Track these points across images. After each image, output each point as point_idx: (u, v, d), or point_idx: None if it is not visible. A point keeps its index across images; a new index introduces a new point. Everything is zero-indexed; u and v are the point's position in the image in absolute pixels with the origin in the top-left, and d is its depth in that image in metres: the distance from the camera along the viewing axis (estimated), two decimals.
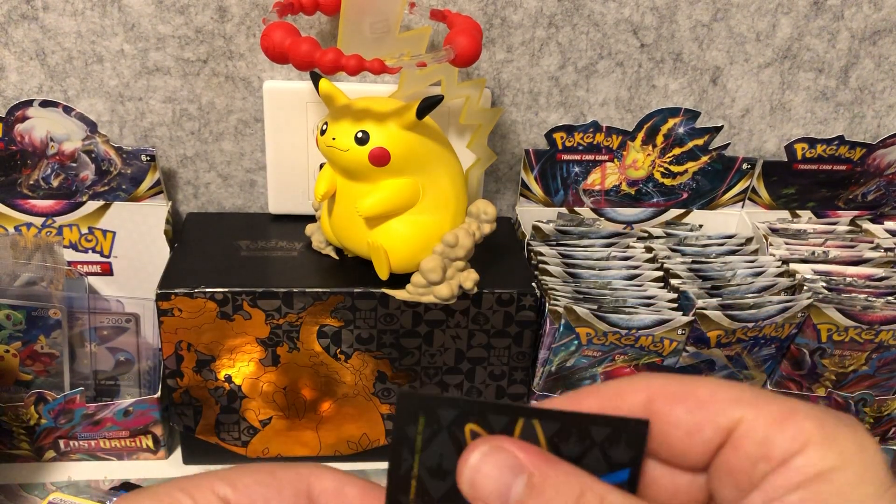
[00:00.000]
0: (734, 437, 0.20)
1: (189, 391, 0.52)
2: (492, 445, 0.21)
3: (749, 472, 0.20)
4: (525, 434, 0.21)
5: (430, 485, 0.22)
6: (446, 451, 0.21)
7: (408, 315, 0.51)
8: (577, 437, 0.21)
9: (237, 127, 0.58)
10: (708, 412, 0.21)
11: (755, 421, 0.20)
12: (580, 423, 0.21)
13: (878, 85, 0.60)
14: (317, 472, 0.24)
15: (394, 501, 0.22)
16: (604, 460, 0.21)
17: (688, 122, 0.58)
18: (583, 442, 0.21)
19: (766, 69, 0.59)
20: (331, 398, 0.54)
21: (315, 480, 0.24)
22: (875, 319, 0.52)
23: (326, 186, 0.48)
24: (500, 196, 0.63)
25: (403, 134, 0.45)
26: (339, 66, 0.42)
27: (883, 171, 0.62)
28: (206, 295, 0.49)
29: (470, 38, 0.45)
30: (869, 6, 0.57)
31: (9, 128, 0.53)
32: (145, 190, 0.56)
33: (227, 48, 0.54)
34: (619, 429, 0.21)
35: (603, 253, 0.57)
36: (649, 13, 0.55)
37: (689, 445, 0.21)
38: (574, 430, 0.21)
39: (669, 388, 0.21)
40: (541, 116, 0.59)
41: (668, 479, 0.22)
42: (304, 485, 0.24)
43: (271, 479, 0.24)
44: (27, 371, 0.53)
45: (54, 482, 0.53)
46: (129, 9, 0.52)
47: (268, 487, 0.23)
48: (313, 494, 0.24)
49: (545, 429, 0.21)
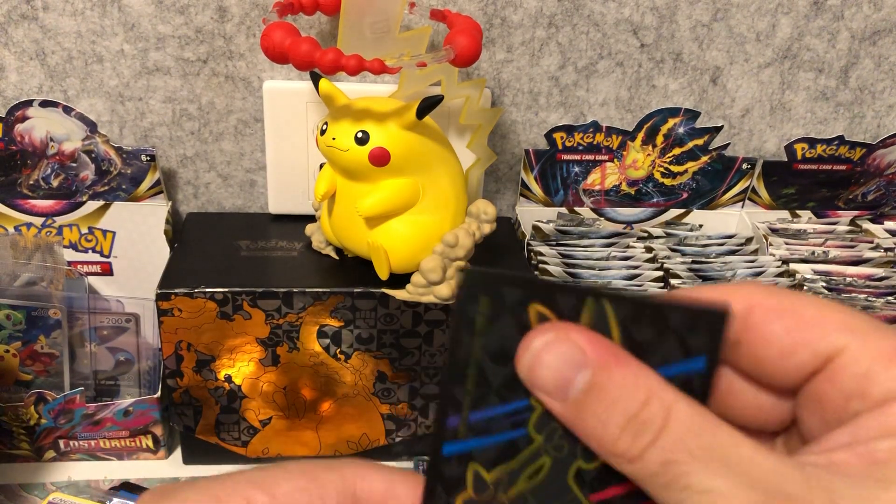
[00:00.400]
0: (832, 366, 0.19)
1: (189, 391, 0.52)
2: (557, 334, 0.19)
3: (841, 406, 0.18)
4: (595, 317, 0.20)
5: (489, 371, 0.20)
6: (509, 333, 0.20)
7: (408, 315, 0.51)
8: (652, 322, 0.19)
9: (237, 127, 0.58)
10: (809, 334, 0.19)
11: (860, 352, 0.18)
12: (655, 309, 0.19)
13: (878, 85, 0.60)
14: (362, 473, 0.22)
15: (449, 394, 0.20)
16: (679, 347, 0.19)
17: (688, 122, 0.58)
18: (657, 327, 0.19)
19: (766, 69, 0.59)
20: (331, 398, 0.54)
21: (361, 481, 0.22)
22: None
23: (326, 186, 0.48)
24: (500, 196, 0.63)
25: (403, 134, 0.45)
26: (339, 66, 0.42)
27: (883, 171, 0.62)
28: (206, 295, 0.49)
29: (470, 38, 0.45)
30: (869, 6, 0.57)
31: (9, 128, 0.53)
32: (145, 190, 0.56)
33: (227, 48, 0.54)
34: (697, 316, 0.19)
35: (603, 253, 0.57)
36: (649, 13, 0.55)
37: (780, 367, 0.19)
38: (648, 314, 0.19)
39: (772, 301, 0.20)
40: (541, 116, 0.59)
41: (750, 397, 0.21)
42: (350, 487, 0.22)
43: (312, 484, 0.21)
44: (27, 371, 0.53)
45: (54, 482, 0.53)
46: (129, 9, 0.52)
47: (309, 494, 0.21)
48: (360, 497, 0.22)
49: (617, 312, 0.19)
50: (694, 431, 0.18)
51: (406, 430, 0.56)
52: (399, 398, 0.54)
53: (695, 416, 0.18)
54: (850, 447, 0.18)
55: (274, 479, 0.21)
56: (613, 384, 0.18)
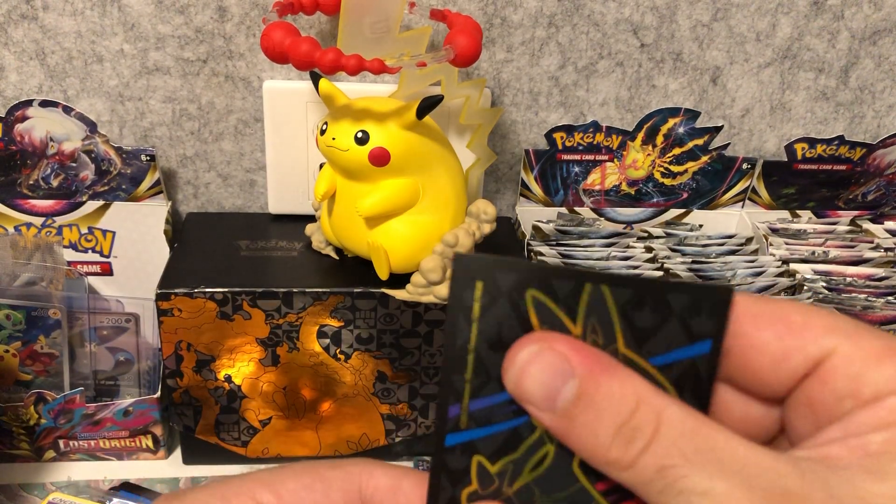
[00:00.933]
0: (823, 368, 0.19)
1: (189, 391, 0.52)
2: (542, 345, 0.19)
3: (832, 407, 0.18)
4: (593, 303, 0.19)
5: (488, 359, 0.20)
6: (506, 320, 0.19)
7: (408, 315, 0.51)
8: (653, 306, 0.19)
9: (237, 127, 0.58)
10: (799, 339, 0.19)
11: (850, 354, 0.18)
12: (656, 291, 0.19)
13: (878, 85, 0.60)
14: (368, 470, 0.22)
15: (448, 383, 0.20)
16: (683, 331, 0.19)
17: (688, 121, 0.58)
18: (659, 311, 0.19)
19: (766, 69, 0.59)
20: (331, 398, 0.54)
21: (367, 479, 0.22)
22: (875, 319, 0.52)
23: (326, 186, 0.48)
24: (500, 196, 0.63)
25: (403, 134, 0.45)
26: (339, 66, 0.42)
27: (883, 171, 0.62)
28: (205, 295, 0.49)
29: (470, 38, 0.45)
30: (869, 6, 0.57)
31: (9, 128, 0.53)
32: (145, 190, 0.56)
33: (227, 48, 0.54)
34: (700, 297, 0.19)
35: (603, 253, 0.57)
36: (649, 13, 0.55)
37: (772, 374, 0.19)
38: (650, 299, 0.19)
39: (758, 309, 0.19)
40: (541, 116, 0.59)
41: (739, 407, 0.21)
42: (355, 485, 0.22)
43: (318, 482, 0.22)
44: (27, 371, 0.53)
45: (54, 482, 0.53)
46: (129, 9, 0.52)
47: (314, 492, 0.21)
48: (366, 494, 0.22)
49: (616, 296, 0.19)
50: (687, 435, 0.18)
51: (406, 430, 0.56)
52: (399, 398, 0.54)
53: (687, 419, 0.18)
54: (844, 441, 0.18)
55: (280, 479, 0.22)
56: (601, 393, 0.18)
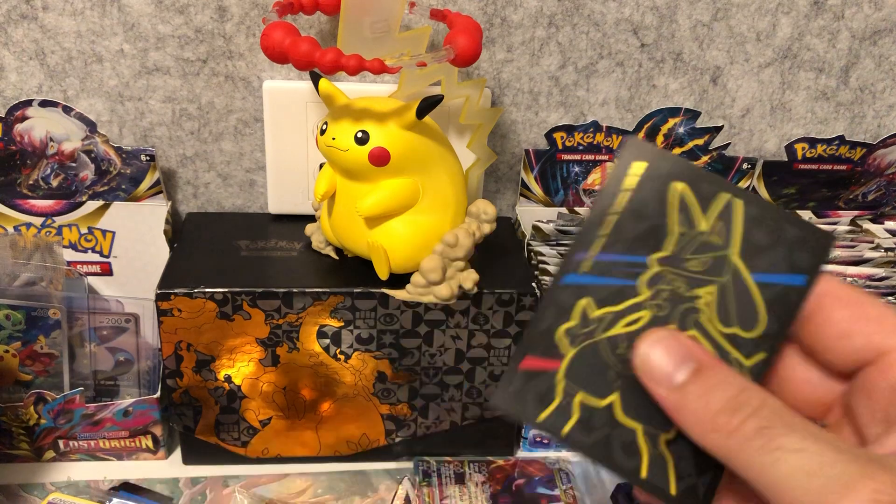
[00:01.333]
0: (884, 360, 0.21)
1: (189, 391, 0.52)
2: (667, 333, 0.22)
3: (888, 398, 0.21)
4: (725, 209, 0.23)
5: (626, 225, 0.23)
6: (650, 198, 0.23)
7: (408, 315, 0.51)
8: (770, 229, 0.22)
9: (237, 127, 0.58)
10: (867, 325, 0.22)
11: None
12: (777, 218, 0.22)
13: (879, 85, 0.60)
14: None
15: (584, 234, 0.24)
16: (786, 259, 0.22)
17: (688, 121, 0.58)
18: (773, 235, 0.22)
19: (766, 69, 0.59)
20: (330, 398, 0.54)
21: None
22: None
23: (326, 186, 0.48)
24: (500, 196, 0.63)
25: (403, 134, 0.45)
26: (339, 65, 0.42)
27: (883, 171, 0.62)
28: (205, 295, 0.49)
29: (470, 38, 0.45)
30: (869, 6, 0.57)
31: (8, 128, 0.53)
32: (145, 190, 0.56)
33: (227, 48, 0.54)
34: (807, 234, 0.22)
35: None
36: (649, 13, 0.55)
37: (835, 346, 0.22)
38: (770, 220, 0.22)
39: (842, 293, 0.22)
40: (541, 116, 0.59)
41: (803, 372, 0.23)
42: None
43: None
44: (27, 371, 0.53)
45: (54, 482, 0.53)
46: (129, 9, 0.52)
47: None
48: None
49: (746, 211, 0.23)
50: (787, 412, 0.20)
51: (406, 431, 0.56)
52: (399, 398, 0.54)
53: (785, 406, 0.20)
54: None
55: None
56: (714, 374, 0.21)
